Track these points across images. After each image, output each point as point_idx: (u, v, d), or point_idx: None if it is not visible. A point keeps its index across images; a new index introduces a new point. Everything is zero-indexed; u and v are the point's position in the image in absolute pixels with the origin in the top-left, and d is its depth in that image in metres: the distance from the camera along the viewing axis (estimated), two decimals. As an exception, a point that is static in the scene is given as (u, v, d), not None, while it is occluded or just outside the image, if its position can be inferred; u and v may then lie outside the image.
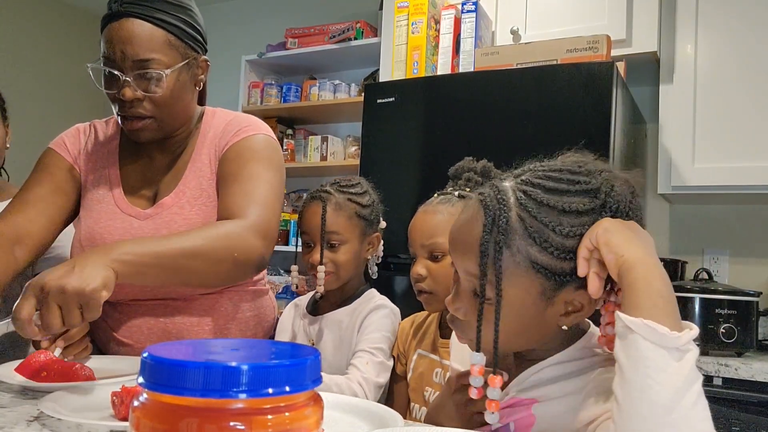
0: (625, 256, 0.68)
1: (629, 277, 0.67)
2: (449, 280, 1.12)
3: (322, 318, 1.29)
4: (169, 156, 1.31)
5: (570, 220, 0.73)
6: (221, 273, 1.13)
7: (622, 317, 0.65)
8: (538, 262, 0.73)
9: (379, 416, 0.84)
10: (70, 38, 4.28)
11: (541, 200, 0.74)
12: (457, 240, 0.79)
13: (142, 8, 1.16)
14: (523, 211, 0.74)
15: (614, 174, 0.77)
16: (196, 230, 1.12)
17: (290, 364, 0.47)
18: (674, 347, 0.62)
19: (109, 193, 1.27)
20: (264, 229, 1.17)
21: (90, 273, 0.91)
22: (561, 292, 0.75)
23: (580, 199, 0.74)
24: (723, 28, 2.29)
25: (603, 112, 1.93)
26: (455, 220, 0.82)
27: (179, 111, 1.25)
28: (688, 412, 0.60)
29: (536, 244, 0.73)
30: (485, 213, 0.75)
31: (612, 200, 0.74)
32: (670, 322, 0.64)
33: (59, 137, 1.34)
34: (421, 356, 1.20)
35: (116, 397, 0.84)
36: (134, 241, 1.06)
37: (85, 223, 1.26)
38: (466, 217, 0.79)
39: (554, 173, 0.77)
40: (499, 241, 0.73)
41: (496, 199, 0.75)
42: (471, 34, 2.43)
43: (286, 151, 3.56)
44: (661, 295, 0.66)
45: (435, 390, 1.15)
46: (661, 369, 0.62)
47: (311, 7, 3.83)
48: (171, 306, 1.25)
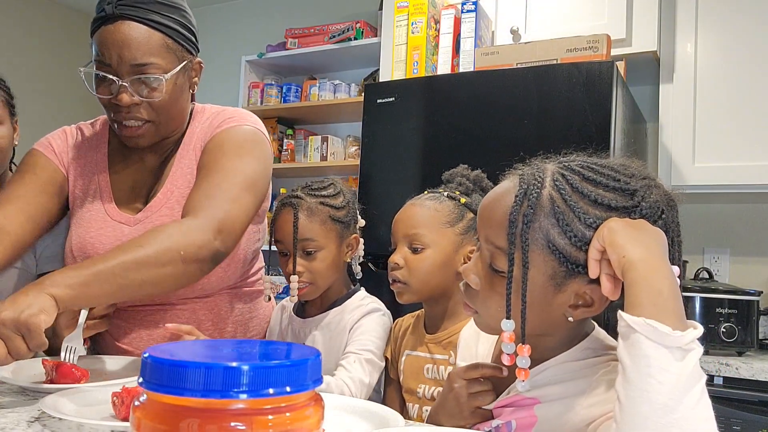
0: (627, 255, 0.68)
1: (630, 276, 0.67)
2: (424, 273, 1.15)
3: (310, 321, 1.28)
4: (159, 157, 1.28)
5: (597, 213, 0.73)
6: (172, 276, 1.06)
7: (624, 317, 0.65)
8: (554, 244, 0.73)
9: (380, 416, 0.84)
10: (68, 39, 4.28)
11: (575, 186, 0.74)
12: (486, 209, 0.80)
13: (137, 10, 1.12)
14: (555, 191, 0.74)
15: (656, 183, 0.77)
16: (137, 238, 1.07)
17: (291, 365, 0.47)
18: (676, 346, 0.62)
19: (99, 201, 1.24)
20: (219, 223, 1.10)
21: (23, 301, 0.90)
22: (572, 281, 0.74)
23: (614, 195, 0.74)
24: (723, 27, 2.29)
25: (603, 111, 1.93)
26: (488, 193, 0.82)
27: (176, 114, 1.23)
28: (690, 412, 0.60)
29: (558, 225, 0.73)
30: (520, 185, 0.76)
31: (645, 204, 0.73)
32: (672, 321, 0.63)
33: (44, 139, 1.30)
34: (409, 356, 1.21)
35: (117, 397, 0.84)
36: (72, 267, 1.02)
37: (75, 232, 1.23)
38: (501, 190, 0.79)
39: (597, 166, 0.77)
40: (527, 214, 0.73)
41: (534, 176, 0.76)
42: (471, 34, 2.43)
43: (287, 152, 3.56)
44: (661, 293, 0.65)
45: (428, 386, 1.15)
46: (663, 368, 0.61)
47: (311, 7, 3.83)
48: (170, 311, 1.24)
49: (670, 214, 0.76)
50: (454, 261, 1.16)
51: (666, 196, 0.76)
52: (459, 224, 1.17)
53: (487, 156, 2.13)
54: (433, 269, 1.15)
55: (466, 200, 1.20)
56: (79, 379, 0.98)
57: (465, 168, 1.27)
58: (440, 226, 1.16)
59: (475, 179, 1.25)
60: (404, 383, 1.21)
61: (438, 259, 1.15)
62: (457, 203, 1.19)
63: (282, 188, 3.45)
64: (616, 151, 1.97)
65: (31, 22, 4.13)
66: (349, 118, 3.49)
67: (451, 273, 1.16)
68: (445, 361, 1.15)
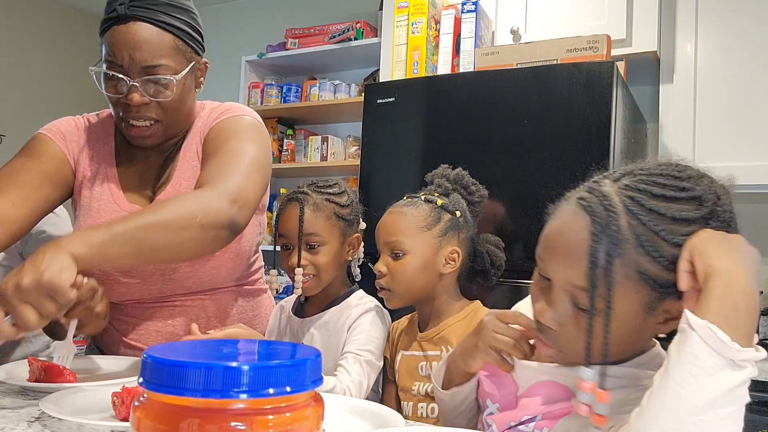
0: (713, 265, 0.65)
1: (709, 284, 0.65)
2: (407, 278, 1.17)
3: (308, 320, 1.28)
4: (163, 154, 1.30)
5: (680, 229, 0.70)
6: (189, 240, 1.06)
7: (687, 315, 0.64)
8: (647, 273, 0.69)
9: (380, 416, 0.84)
10: (66, 38, 4.28)
11: (650, 207, 0.70)
12: (556, 247, 0.75)
13: (149, 11, 1.13)
14: (634, 218, 0.70)
15: (712, 179, 0.74)
16: (153, 205, 1.07)
17: (291, 365, 0.47)
18: (730, 358, 0.60)
19: (108, 191, 1.26)
20: (234, 194, 1.11)
21: (42, 262, 0.88)
22: (664, 302, 0.72)
23: (688, 207, 0.71)
24: (723, 27, 2.29)
25: (603, 111, 1.93)
26: (549, 225, 0.77)
27: (184, 114, 1.25)
28: (717, 422, 0.59)
29: (647, 253, 0.69)
30: (592, 220, 0.70)
31: (720, 209, 0.71)
32: (736, 335, 0.61)
33: (53, 124, 1.28)
34: (404, 356, 1.22)
35: (117, 397, 0.84)
36: (89, 228, 1.01)
37: (84, 222, 1.24)
38: (564, 222, 0.74)
39: (659, 178, 0.73)
40: (610, 251, 0.69)
41: (602, 204, 0.71)
42: (471, 34, 2.43)
43: (287, 152, 3.56)
44: (736, 308, 0.63)
45: (423, 383, 1.16)
46: (707, 373, 0.60)
47: (311, 7, 3.83)
48: (178, 306, 1.25)
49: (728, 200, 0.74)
50: (435, 263, 1.18)
51: (727, 191, 0.74)
52: (436, 227, 1.18)
53: (487, 156, 2.13)
54: (415, 274, 1.17)
55: (442, 202, 1.21)
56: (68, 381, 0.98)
57: (445, 168, 1.29)
58: (418, 231, 1.18)
59: (456, 178, 1.26)
60: (399, 382, 1.21)
61: (418, 264, 1.17)
62: (434, 206, 1.20)
63: (282, 188, 3.45)
64: (616, 152, 1.97)
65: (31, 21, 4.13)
66: (349, 118, 3.49)
67: (433, 275, 1.18)
68: (438, 357, 1.15)
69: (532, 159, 1.99)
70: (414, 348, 1.21)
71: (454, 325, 1.18)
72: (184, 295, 1.25)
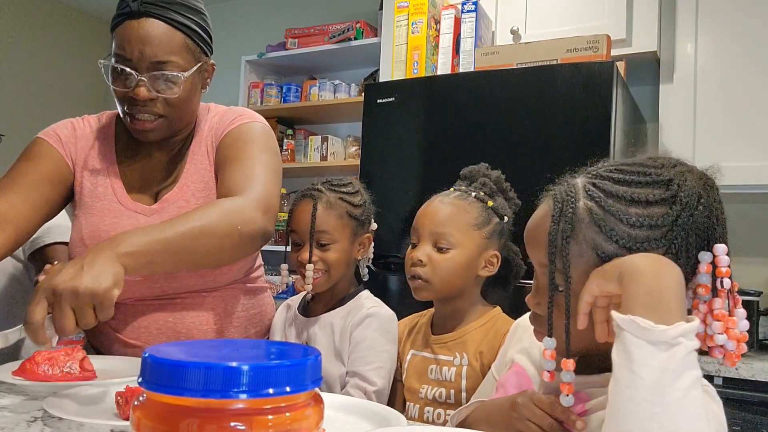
0: (618, 264, 0.69)
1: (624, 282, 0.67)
2: (448, 273, 1.14)
3: (314, 320, 1.28)
4: (167, 154, 1.30)
5: (638, 211, 0.73)
6: (228, 248, 1.10)
7: (613, 315, 0.65)
8: (603, 251, 0.73)
9: (381, 416, 0.84)
10: (66, 38, 4.28)
11: (609, 190, 0.75)
12: (531, 234, 0.82)
13: (161, 9, 1.15)
14: (590, 200, 0.75)
15: (688, 167, 0.77)
16: (195, 210, 1.10)
17: (291, 365, 0.47)
18: (660, 341, 0.62)
19: (111, 192, 1.26)
20: (264, 203, 1.15)
21: (100, 271, 0.89)
22: None
23: (649, 190, 0.74)
24: (723, 27, 2.29)
25: (603, 111, 1.93)
26: (531, 218, 0.83)
27: (188, 112, 1.26)
28: (673, 407, 0.59)
29: (602, 232, 0.73)
30: (554, 205, 0.76)
31: (684, 193, 0.73)
32: (658, 317, 0.63)
33: (50, 129, 1.30)
34: (414, 356, 1.21)
35: (121, 396, 0.84)
36: (138, 231, 1.02)
37: (87, 221, 1.24)
38: (540, 213, 0.81)
39: (625, 166, 0.77)
40: (565, 230, 0.74)
41: (566, 191, 0.77)
42: (471, 34, 2.43)
43: (286, 152, 3.56)
44: (651, 291, 0.65)
45: (431, 386, 1.15)
46: (644, 363, 0.61)
47: (311, 7, 3.83)
48: (180, 304, 1.25)
49: (710, 195, 0.75)
50: (476, 264, 1.16)
51: (702, 179, 0.76)
52: (486, 228, 1.16)
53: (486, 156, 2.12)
54: (457, 270, 1.15)
55: (492, 203, 1.19)
56: (90, 378, 1.00)
57: (486, 167, 1.26)
58: (468, 228, 1.15)
59: (497, 181, 1.23)
60: (406, 382, 1.20)
61: (462, 261, 1.14)
62: (485, 206, 1.18)
63: (282, 188, 3.45)
64: (616, 152, 1.97)
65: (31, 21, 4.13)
66: (349, 118, 3.49)
67: (471, 275, 1.16)
68: (449, 362, 1.14)
69: (532, 159, 1.99)
70: (426, 350, 1.19)
71: (473, 332, 1.16)
72: (185, 294, 1.25)
